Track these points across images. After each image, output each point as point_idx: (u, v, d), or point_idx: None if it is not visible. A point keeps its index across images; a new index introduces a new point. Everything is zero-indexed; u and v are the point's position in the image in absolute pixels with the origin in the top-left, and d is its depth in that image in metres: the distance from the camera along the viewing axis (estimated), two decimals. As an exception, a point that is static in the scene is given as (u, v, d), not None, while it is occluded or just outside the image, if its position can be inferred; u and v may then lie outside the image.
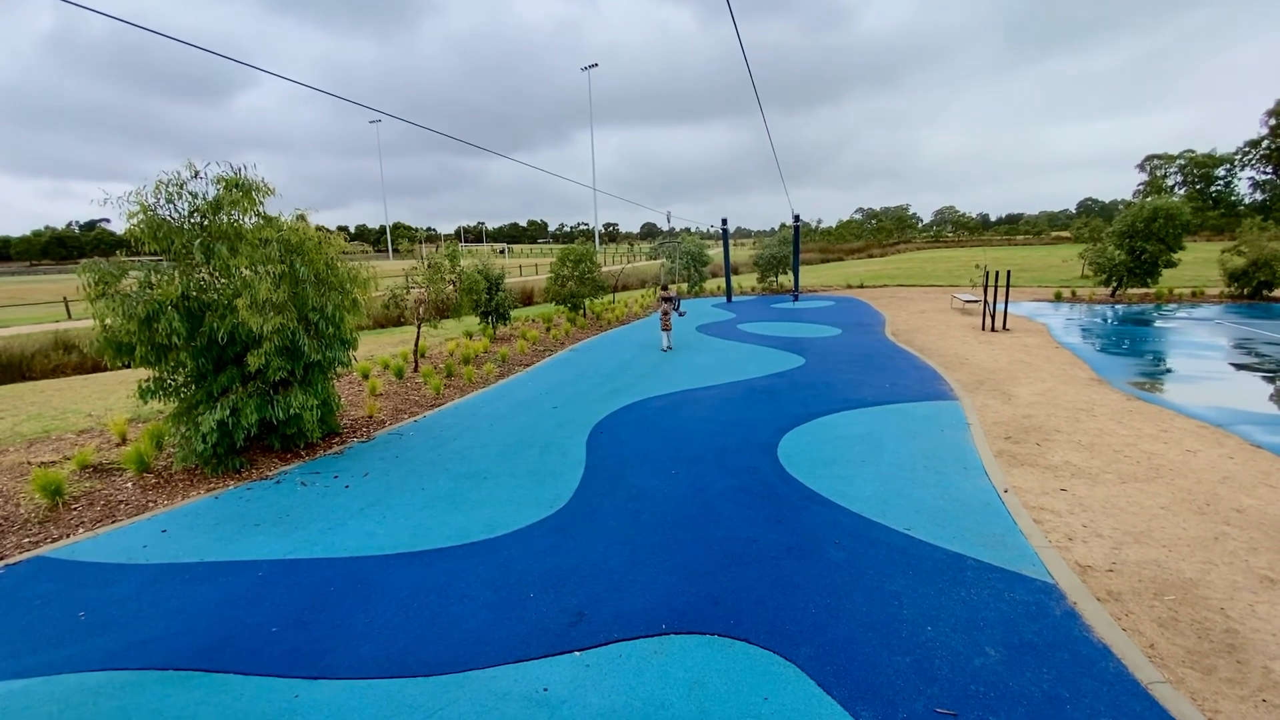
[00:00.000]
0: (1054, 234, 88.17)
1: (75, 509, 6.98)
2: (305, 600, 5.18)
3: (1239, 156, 68.76)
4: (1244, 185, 68.89)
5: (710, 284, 32.02)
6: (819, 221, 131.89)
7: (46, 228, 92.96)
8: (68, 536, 6.45)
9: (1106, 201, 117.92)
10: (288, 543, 6.12)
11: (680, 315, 18.48)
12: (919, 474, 7.14)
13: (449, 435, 8.89)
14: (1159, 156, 75.49)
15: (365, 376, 12.23)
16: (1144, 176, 76.00)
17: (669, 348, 10.47)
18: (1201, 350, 12.69)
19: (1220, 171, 70.13)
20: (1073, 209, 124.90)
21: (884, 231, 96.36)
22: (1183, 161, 73.24)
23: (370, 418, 9.79)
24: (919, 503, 6.46)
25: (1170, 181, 72.75)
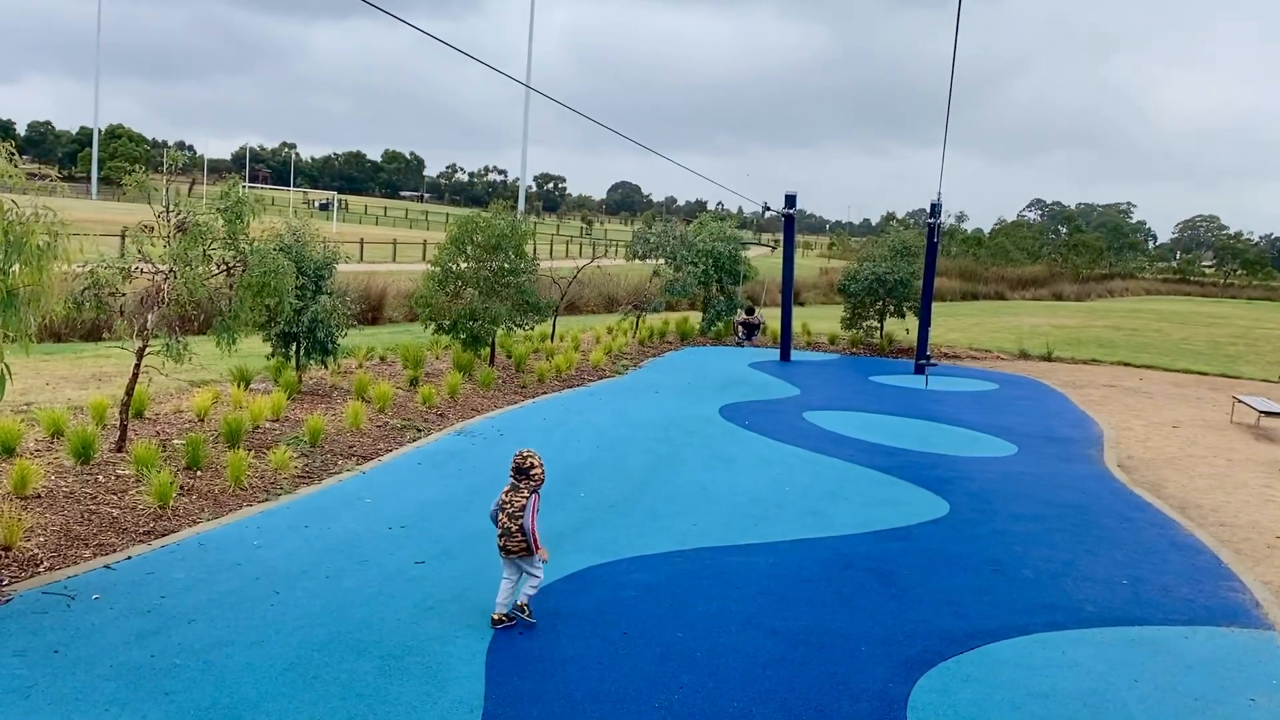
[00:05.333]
0: None
1: None
2: None
3: None
4: None
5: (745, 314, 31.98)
6: (958, 218, 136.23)
7: None
8: None
9: None
10: None
11: (746, 336, 18.10)
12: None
13: (179, 610, 8.19)
14: None
15: (8, 454, 11.65)
16: None
17: (505, 617, 8.29)
18: None
19: None
20: None
21: (1086, 251, 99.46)
22: None
23: (7, 551, 8.99)
24: None
25: None
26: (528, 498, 8.14)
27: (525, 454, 8.29)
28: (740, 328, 30.63)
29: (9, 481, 10.55)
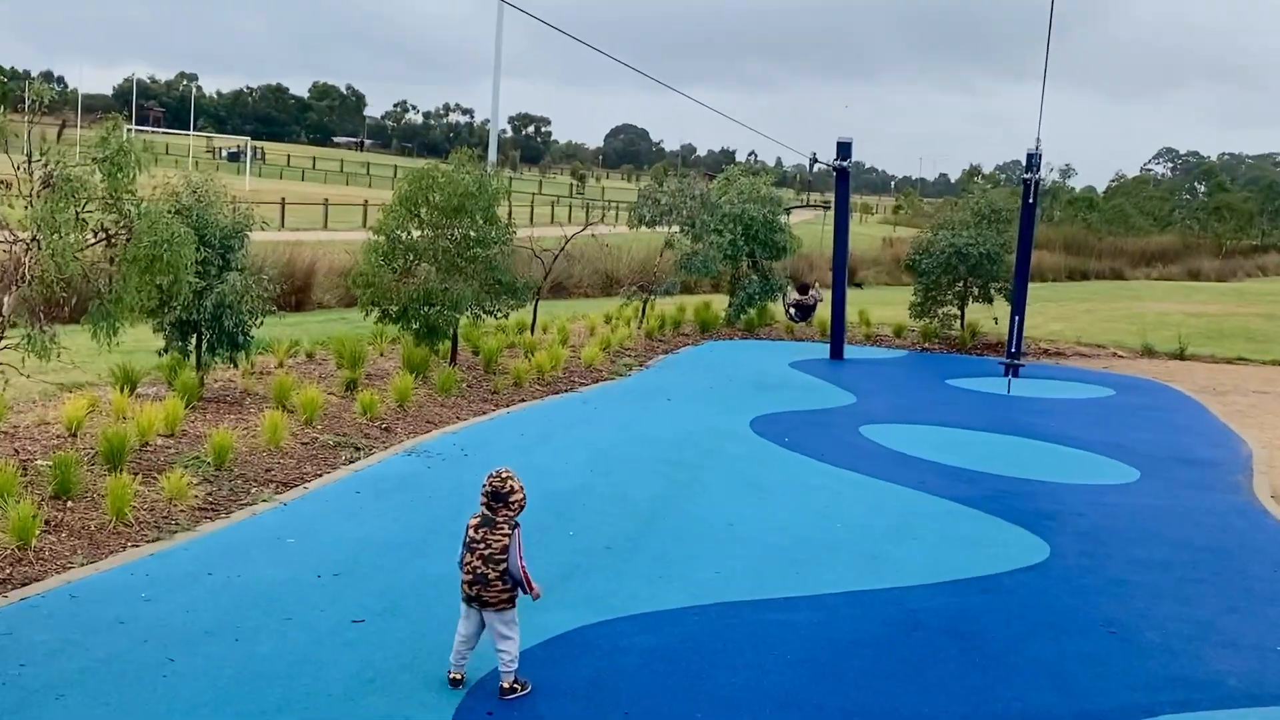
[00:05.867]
0: None
1: None
2: None
3: None
4: None
5: (779, 307, 31.96)
6: (1063, 173, 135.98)
7: None
8: None
9: None
10: None
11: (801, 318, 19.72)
12: None
13: (44, 682, 8.22)
14: None
15: None
16: None
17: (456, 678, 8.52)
18: None
19: None
20: None
21: (1232, 216, 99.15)
22: None
23: None
24: None
25: None
26: (509, 534, 8.13)
27: (502, 474, 8.24)
28: (792, 309, 30.49)
29: None
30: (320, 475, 13.91)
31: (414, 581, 10.52)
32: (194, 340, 17.28)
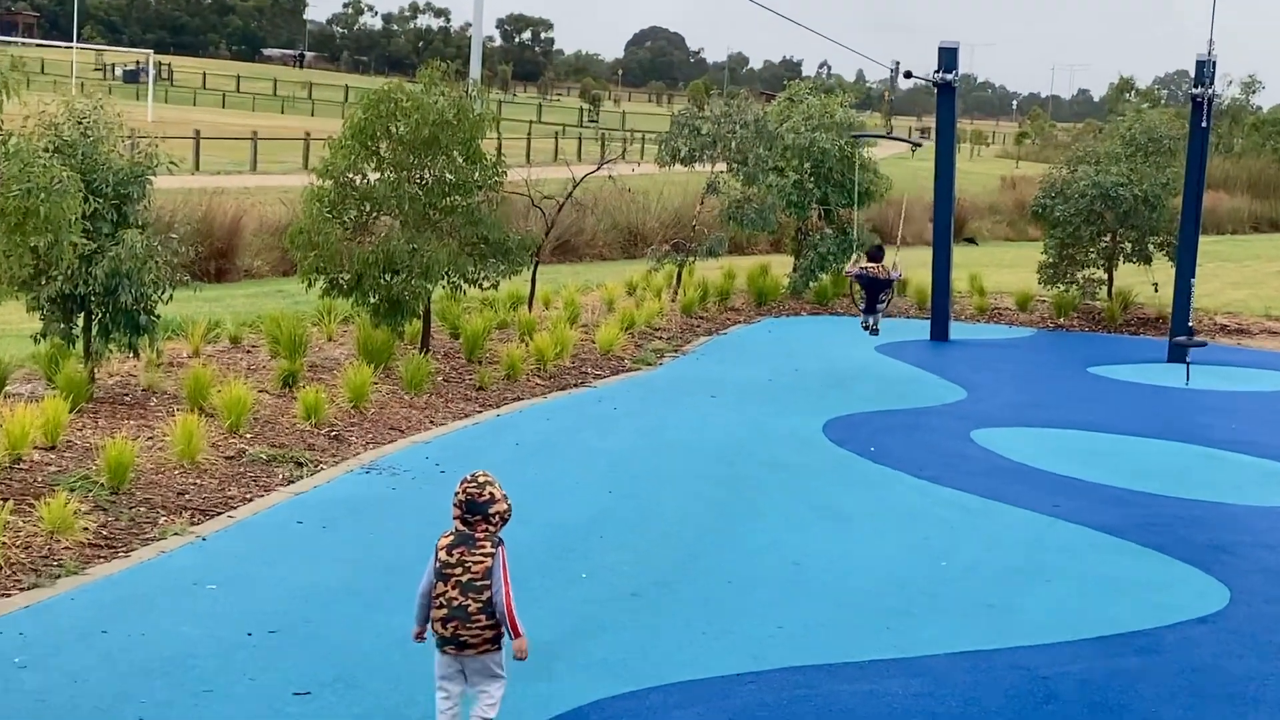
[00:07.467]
0: None
1: None
2: None
3: None
4: None
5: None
6: (1246, 87, 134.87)
7: None
8: None
9: None
10: None
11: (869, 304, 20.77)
12: None
13: None
14: None
15: None
16: None
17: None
18: None
19: None
20: None
21: None
22: None
23: None
24: None
25: None
26: (493, 553, 7.77)
27: (477, 479, 7.86)
28: (858, 283, 25.09)
29: None
30: (250, 500, 13.90)
31: (373, 641, 10.44)
32: (81, 321, 17.25)
